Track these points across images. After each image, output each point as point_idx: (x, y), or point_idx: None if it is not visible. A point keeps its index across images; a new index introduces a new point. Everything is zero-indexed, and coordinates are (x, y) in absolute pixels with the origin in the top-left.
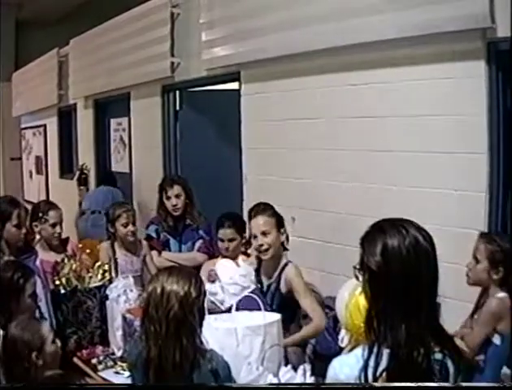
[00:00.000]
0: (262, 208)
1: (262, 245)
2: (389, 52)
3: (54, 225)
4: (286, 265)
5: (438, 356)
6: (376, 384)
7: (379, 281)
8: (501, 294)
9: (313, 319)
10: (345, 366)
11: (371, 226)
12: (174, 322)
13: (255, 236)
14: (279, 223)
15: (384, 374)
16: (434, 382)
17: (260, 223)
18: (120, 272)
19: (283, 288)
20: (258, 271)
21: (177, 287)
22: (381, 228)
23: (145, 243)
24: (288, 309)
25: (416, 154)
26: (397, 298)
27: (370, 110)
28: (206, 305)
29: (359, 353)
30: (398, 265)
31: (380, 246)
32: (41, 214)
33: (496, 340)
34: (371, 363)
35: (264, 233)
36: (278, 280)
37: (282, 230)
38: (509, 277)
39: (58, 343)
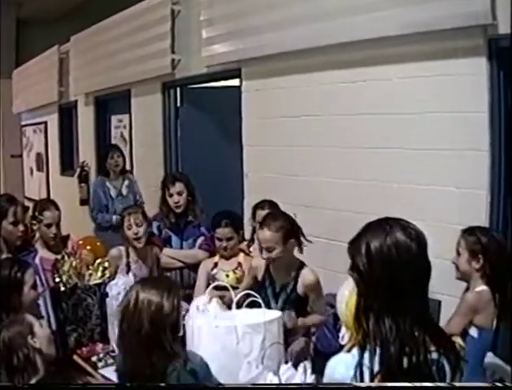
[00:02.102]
0: (272, 219)
1: (268, 258)
2: (390, 49)
3: (48, 226)
4: (301, 267)
5: (434, 355)
6: (373, 384)
7: (365, 280)
8: (479, 288)
9: (317, 313)
10: (341, 365)
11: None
12: (145, 340)
13: (261, 248)
14: (288, 234)
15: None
16: (431, 381)
17: (266, 237)
18: None
19: (300, 289)
20: (267, 271)
21: (150, 298)
22: (367, 229)
23: (155, 250)
24: (300, 308)
25: (418, 152)
26: (383, 297)
27: (371, 108)
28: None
29: (355, 351)
30: (380, 264)
31: (364, 246)
32: (36, 214)
33: (474, 332)
34: (366, 362)
35: (269, 249)
36: (295, 282)
37: (291, 241)
38: (487, 266)
39: (47, 328)
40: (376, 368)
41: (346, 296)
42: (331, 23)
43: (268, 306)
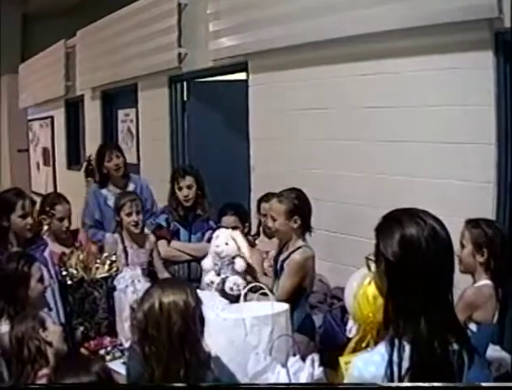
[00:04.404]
0: (285, 192)
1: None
2: (398, 42)
3: (61, 219)
4: (299, 248)
5: (455, 346)
6: (384, 384)
7: (397, 272)
8: (480, 283)
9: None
10: (371, 365)
11: (386, 216)
12: (177, 338)
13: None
14: (293, 210)
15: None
16: (453, 374)
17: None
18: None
19: (285, 267)
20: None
21: (175, 299)
22: (398, 219)
23: (152, 238)
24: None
25: (424, 144)
26: (416, 290)
27: (378, 101)
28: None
29: (383, 349)
30: (417, 256)
31: (398, 237)
32: (47, 208)
33: (473, 327)
34: (395, 359)
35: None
36: (286, 259)
37: (294, 217)
38: (492, 259)
39: (57, 324)
40: (406, 365)
41: (355, 288)
42: (338, 17)
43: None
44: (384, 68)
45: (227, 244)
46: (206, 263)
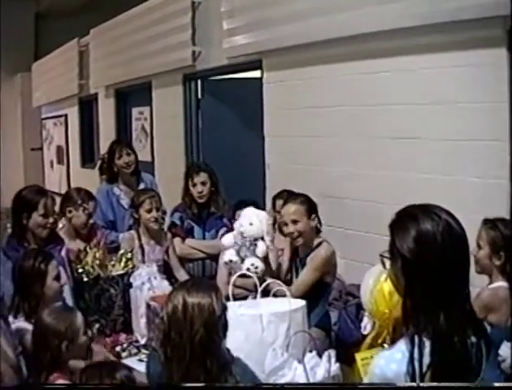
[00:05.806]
0: (294, 195)
1: (292, 233)
2: (411, 39)
3: (90, 215)
4: (320, 243)
5: (473, 339)
6: (400, 384)
7: (414, 269)
8: (495, 284)
9: (292, 289)
10: (392, 363)
11: (400, 212)
12: (199, 347)
13: (286, 224)
14: (310, 209)
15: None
16: (472, 367)
17: (291, 211)
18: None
19: (308, 262)
20: (296, 250)
21: (200, 301)
22: (412, 215)
23: (169, 235)
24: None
25: (438, 142)
26: (434, 286)
27: (392, 98)
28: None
29: (403, 347)
30: (433, 251)
31: (413, 233)
32: (80, 201)
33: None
34: (416, 355)
35: (294, 221)
36: (307, 255)
37: (313, 216)
38: (509, 262)
39: (89, 333)
40: (426, 361)
41: (371, 284)
42: (352, 14)
43: (291, 280)
44: (397, 66)
45: (251, 224)
46: (227, 240)
